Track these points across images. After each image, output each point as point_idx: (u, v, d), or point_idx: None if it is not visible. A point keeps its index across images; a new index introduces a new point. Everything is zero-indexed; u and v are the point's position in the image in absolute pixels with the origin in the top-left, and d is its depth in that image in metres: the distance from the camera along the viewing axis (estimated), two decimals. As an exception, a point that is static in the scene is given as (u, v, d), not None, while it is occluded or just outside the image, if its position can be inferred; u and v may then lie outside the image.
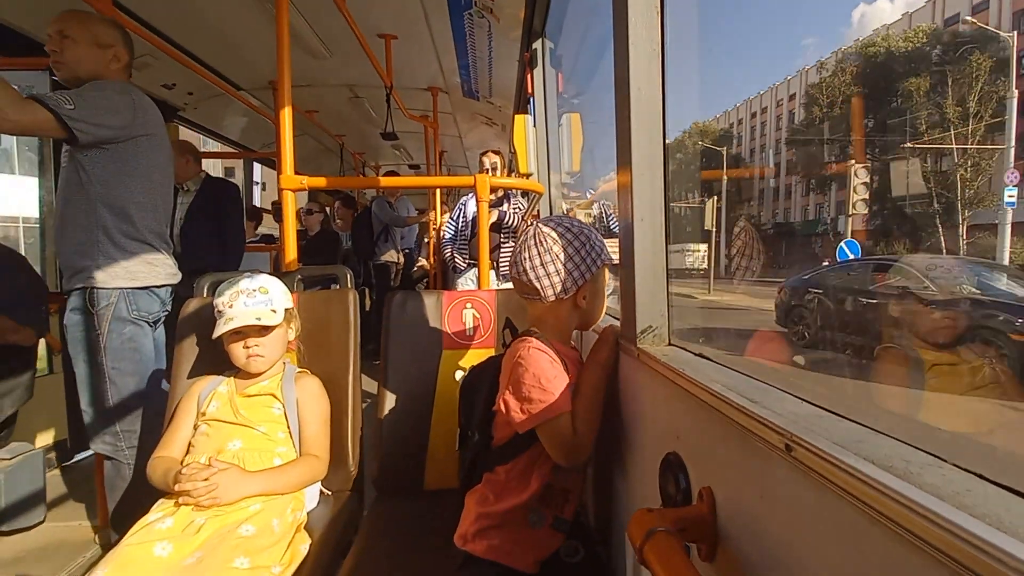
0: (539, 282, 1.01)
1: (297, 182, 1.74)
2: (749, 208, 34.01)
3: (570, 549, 1.02)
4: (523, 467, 1.01)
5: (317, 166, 5.92)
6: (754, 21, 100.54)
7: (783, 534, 0.49)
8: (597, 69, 3.04)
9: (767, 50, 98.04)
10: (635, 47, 0.93)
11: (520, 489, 1.00)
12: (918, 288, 4.48)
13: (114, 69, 1.65)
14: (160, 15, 2.71)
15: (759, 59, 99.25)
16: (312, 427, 1.30)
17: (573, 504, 1.04)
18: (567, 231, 1.02)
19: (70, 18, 1.59)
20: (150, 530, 1.04)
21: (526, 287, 1.04)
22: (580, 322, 1.10)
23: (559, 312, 1.05)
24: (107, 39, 1.63)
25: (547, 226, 1.03)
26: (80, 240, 1.58)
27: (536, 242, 1.02)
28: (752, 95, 36.29)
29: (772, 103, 36.32)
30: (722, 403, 0.59)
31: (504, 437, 1.02)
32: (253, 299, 1.25)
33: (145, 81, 3.07)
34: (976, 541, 0.29)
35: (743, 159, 37.79)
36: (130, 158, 1.61)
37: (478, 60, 3.47)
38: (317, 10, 2.67)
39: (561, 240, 1.01)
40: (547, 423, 0.94)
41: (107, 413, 1.63)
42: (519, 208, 3.40)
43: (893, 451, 0.42)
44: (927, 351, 1.56)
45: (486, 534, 1.01)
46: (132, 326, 1.64)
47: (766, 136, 36.97)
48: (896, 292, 4.66)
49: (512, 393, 0.96)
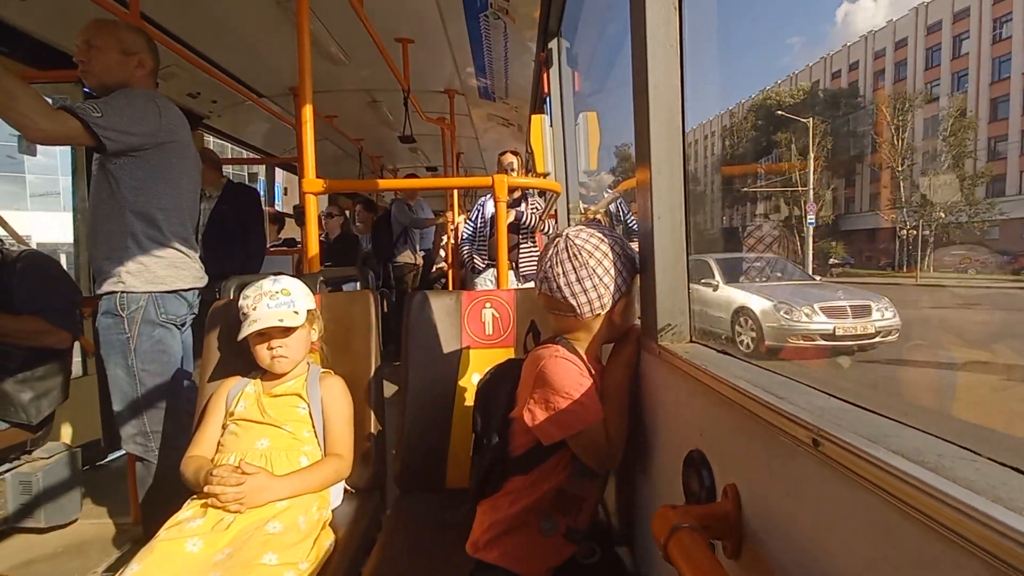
0: (575, 299, 0.95)
1: (319, 186, 1.78)
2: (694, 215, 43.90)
3: (586, 551, 0.98)
4: (539, 475, 0.98)
5: (337, 170, 6.00)
6: (742, 21, 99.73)
7: (812, 530, 0.49)
8: (615, 65, 3.03)
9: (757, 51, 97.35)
10: (653, 43, 0.92)
11: (533, 493, 0.98)
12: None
13: (140, 75, 1.68)
14: (184, 25, 2.78)
15: (747, 60, 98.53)
16: (336, 426, 1.32)
17: (587, 513, 1.01)
18: (602, 242, 0.97)
19: (96, 27, 1.63)
20: (181, 527, 1.06)
21: (559, 304, 0.97)
22: (610, 337, 1.03)
23: (592, 327, 0.99)
24: (132, 46, 1.66)
25: (580, 237, 0.97)
26: (110, 246, 1.63)
27: (571, 255, 0.95)
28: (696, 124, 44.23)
29: (702, 136, 44.49)
30: (747, 399, 0.59)
31: (523, 446, 0.98)
32: (276, 301, 1.28)
33: (171, 91, 3.16)
34: (1013, 534, 0.29)
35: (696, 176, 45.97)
36: (157, 164, 1.65)
37: (494, 61, 3.48)
38: (336, 16, 2.71)
39: (597, 252, 0.95)
40: (581, 433, 0.92)
41: (137, 414, 1.68)
42: (536, 208, 3.41)
43: (924, 444, 0.41)
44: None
45: (498, 541, 0.98)
46: (161, 329, 1.68)
47: (699, 160, 44.45)
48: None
49: (538, 403, 0.92)
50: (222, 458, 1.22)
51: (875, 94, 25.18)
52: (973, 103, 21.48)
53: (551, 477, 0.98)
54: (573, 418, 0.91)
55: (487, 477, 1.02)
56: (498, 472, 1.01)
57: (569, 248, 0.96)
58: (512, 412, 1.00)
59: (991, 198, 18.24)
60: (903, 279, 17.99)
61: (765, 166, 26.74)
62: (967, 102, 21.70)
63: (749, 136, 30.35)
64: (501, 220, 1.97)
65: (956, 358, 7.80)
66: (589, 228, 1.00)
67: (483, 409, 1.09)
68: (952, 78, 22.93)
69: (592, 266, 0.95)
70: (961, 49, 22.50)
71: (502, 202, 1.91)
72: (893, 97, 23.61)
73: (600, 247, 0.96)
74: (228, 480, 1.10)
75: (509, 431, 1.01)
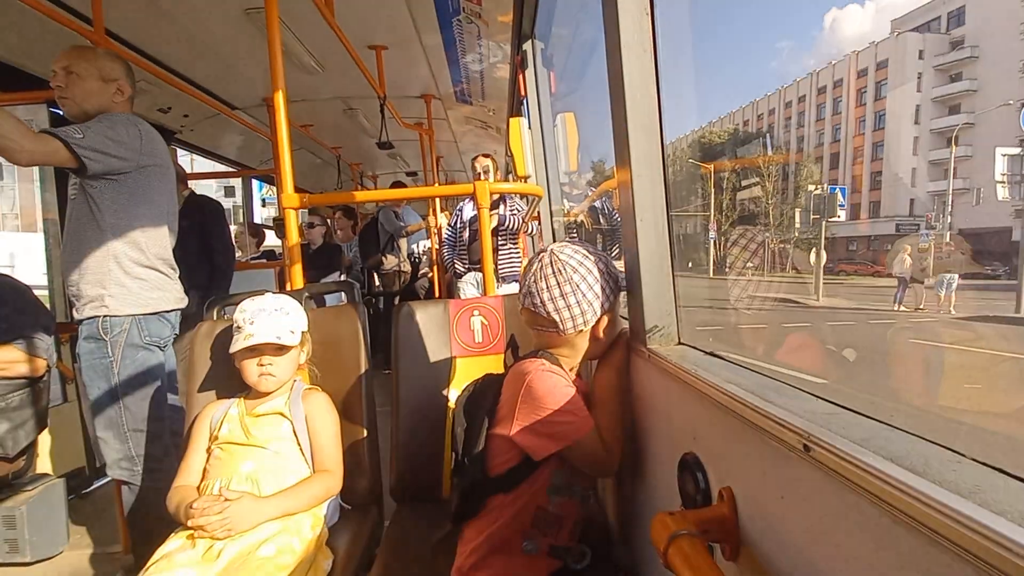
0: (558, 314, 0.95)
1: (298, 200, 1.75)
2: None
3: (576, 555, 0.97)
4: (520, 493, 0.97)
5: (316, 179, 5.93)
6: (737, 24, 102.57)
7: (806, 534, 0.49)
8: (590, 64, 3.04)
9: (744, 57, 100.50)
10: (627, 47, 0.93)
11: (514, 511, 0.97)
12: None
13: (119, 102, 1.69)
14: (151, 40, 2.73)
15: (739, 65, 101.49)
16: (323, 442, 1.30)
17: (567, 530, 1.00)
18: (586, 258, 0.97)
19: (75, 54, 1.63)
20: (171, 559, 1.04)
21: (542, 320, 0.97)
22: (594, 353, 1.03)
23: (575, 344, 0.99)
24: (112, 73, 1.67)
25: (564, 253, 0.97)
26: (91, 270, 1.60)
27: (555, 271, 0.95)
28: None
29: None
30: (737, 404, 0.60)
31: (505, 464, 0.97)
32: (274, 318, 1.27)
33: (140, 107, 3.07)
34: (998, 538, 0.30)
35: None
36: (139, 188, 1.64)
37: (469, 65, 3.47)
38: (307, 26, 2.68)
39: (581, 268, 0.95)
40: (576, 444, 0.92)
41: (122, 439, 1.65)
42: (517, 210, 3.41)
43: (911, 447, 0.42)
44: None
45: (483, 564, 0.97)
46: (144, 352, 1.66)
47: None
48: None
49: (527, 418, 0.92)
50: (208, 484, 1.20)
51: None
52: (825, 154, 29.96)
53: (532, 495, 0.97)
54: (568, 429, 0.92)
55: (467, 498, 1.00)
56: (479, 493, 0.99)
57: (553, 263, 0.96)
58: (492, 429, 0.99)
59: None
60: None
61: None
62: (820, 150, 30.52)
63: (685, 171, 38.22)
64: (484, 227, 1.96)
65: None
66: (574, 244, 1.01)
67: (463, 427, 1.07)
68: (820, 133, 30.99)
69: (576, 282, 0.95)
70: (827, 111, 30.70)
71: (484, 208, 1.91)
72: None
73: (584, 263, 0.97)
74: (211, 510, 1.08)
75: (489, 449, 0.99)
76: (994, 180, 13.94)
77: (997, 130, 19.27)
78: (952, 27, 20.59)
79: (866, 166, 26.92)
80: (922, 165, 22.81)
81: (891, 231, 23.97)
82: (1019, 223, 18.03)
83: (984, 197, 17.91)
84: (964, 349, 6.30)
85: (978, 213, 18.32)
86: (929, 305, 9.98)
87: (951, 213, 19.41)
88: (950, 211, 19.42)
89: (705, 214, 30.95)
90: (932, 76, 21.12)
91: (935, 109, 21.64)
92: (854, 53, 27.71)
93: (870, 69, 26.30)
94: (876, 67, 25.86)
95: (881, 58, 25.51)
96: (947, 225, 18.91)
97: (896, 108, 24.01)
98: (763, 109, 37.31)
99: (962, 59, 19.97)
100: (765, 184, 31.71)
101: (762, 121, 36.89)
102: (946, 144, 21.24)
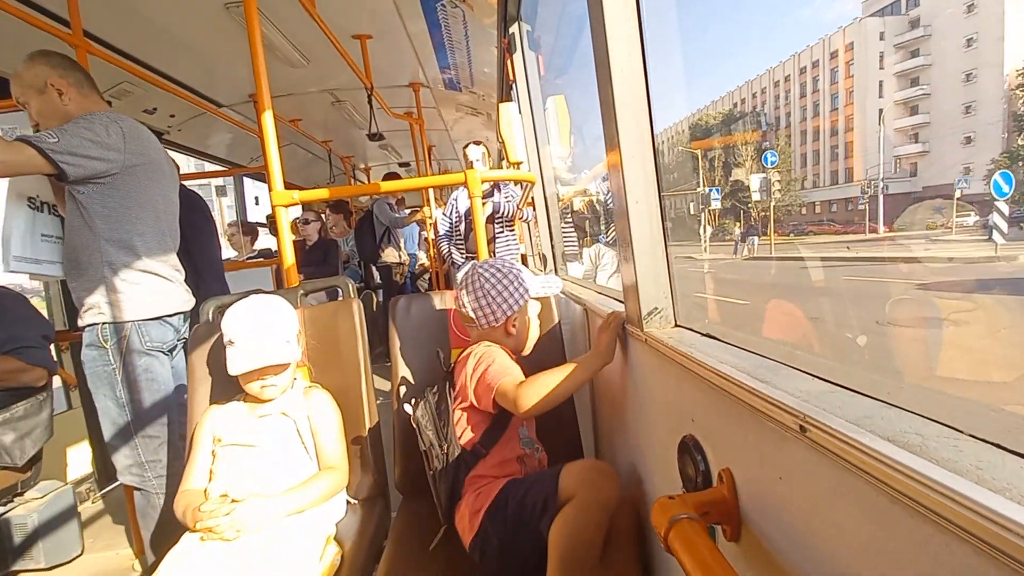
0: (474, 313, 1.26)
1: (288, 197, 1.73)
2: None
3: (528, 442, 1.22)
4: (496, 451, 1.16)
5: (307, 175, 5.88)
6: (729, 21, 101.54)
7: (806, 515, 0.49)
8: (579, 44, 2.99)
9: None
10: (612, 31, 0.91)
11: (499, 463, 1.16)
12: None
13: (72, 98, 1.60)
14: (132, 40, 2.67)
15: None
16: (326, 439, 1.31)
17: (545, 455, 1.25)
18: (496, 272, 1.27)
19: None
20: (182, 560, 1.05)
21: (465, 317, 1.29)
22: (512, 347, 1.28)
23: (494, 336, 1.28)
24: (37, 80, 1.57)
25: (481, 268, 1.28)
26: (87, 277, 1.58)
27: (470, 280, 1.27)
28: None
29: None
30: (734, 386, 0.59)
31: (476, 429, 1.17)
32: (264, 339, 1.24)
33: (124, 109, 3.05)
34: (997, 518, 0.29)
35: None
36: (129, 189, 1.59)
37: (456, 51, 3.41)
38: (289, 18, 2.63)
39: (492, 279, 1.25)
40: (501, 385, 1.11)
41: (131, 445, 1.64)
42: (512, 196, 3.38)
43: (908, 425, 0.41)
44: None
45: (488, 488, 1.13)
46: (147, 357, 1.64)
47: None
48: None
49: (477, 381, 1.14)
50: (214, 486, 1.20)
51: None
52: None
53: (510, 448, 1.17)
54: (500, 372, 1.13)
55: (451, 496, 1.17)
56: (461, 475, 1.16)
57: (473, 276, 1.28)
58: (456, 406, 1.19)
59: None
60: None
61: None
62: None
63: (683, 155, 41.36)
64: (477, 216, 1.95)
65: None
66: (491, 262, 1.30)
67: (429, 426, 1.24)
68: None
69: (487, 289, 1.25)
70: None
71: (477, 198, 1.89)
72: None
73: (494, 275, 1.26)
74: (218, 512, 1.08)
75: (460, 427, 1.18)
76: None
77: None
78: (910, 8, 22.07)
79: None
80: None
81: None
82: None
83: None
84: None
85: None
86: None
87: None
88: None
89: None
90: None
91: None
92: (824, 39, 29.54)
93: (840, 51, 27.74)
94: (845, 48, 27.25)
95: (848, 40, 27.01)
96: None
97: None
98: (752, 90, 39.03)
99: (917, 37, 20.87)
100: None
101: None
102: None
